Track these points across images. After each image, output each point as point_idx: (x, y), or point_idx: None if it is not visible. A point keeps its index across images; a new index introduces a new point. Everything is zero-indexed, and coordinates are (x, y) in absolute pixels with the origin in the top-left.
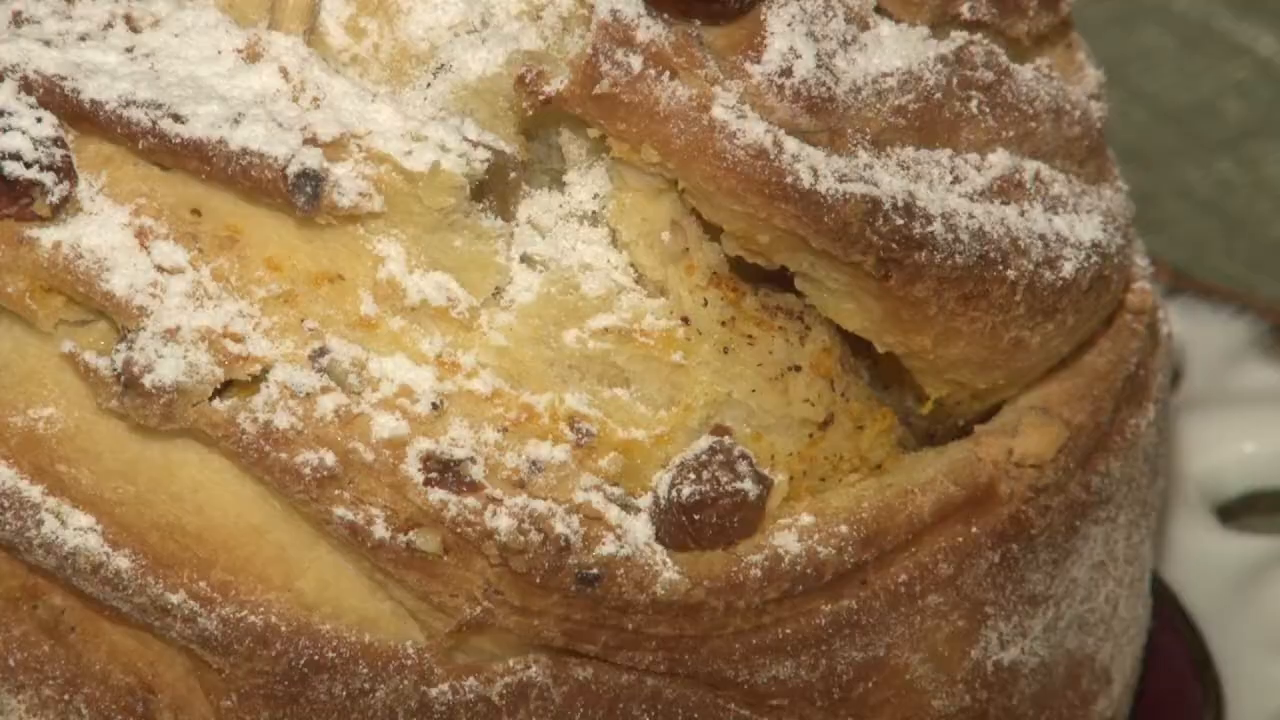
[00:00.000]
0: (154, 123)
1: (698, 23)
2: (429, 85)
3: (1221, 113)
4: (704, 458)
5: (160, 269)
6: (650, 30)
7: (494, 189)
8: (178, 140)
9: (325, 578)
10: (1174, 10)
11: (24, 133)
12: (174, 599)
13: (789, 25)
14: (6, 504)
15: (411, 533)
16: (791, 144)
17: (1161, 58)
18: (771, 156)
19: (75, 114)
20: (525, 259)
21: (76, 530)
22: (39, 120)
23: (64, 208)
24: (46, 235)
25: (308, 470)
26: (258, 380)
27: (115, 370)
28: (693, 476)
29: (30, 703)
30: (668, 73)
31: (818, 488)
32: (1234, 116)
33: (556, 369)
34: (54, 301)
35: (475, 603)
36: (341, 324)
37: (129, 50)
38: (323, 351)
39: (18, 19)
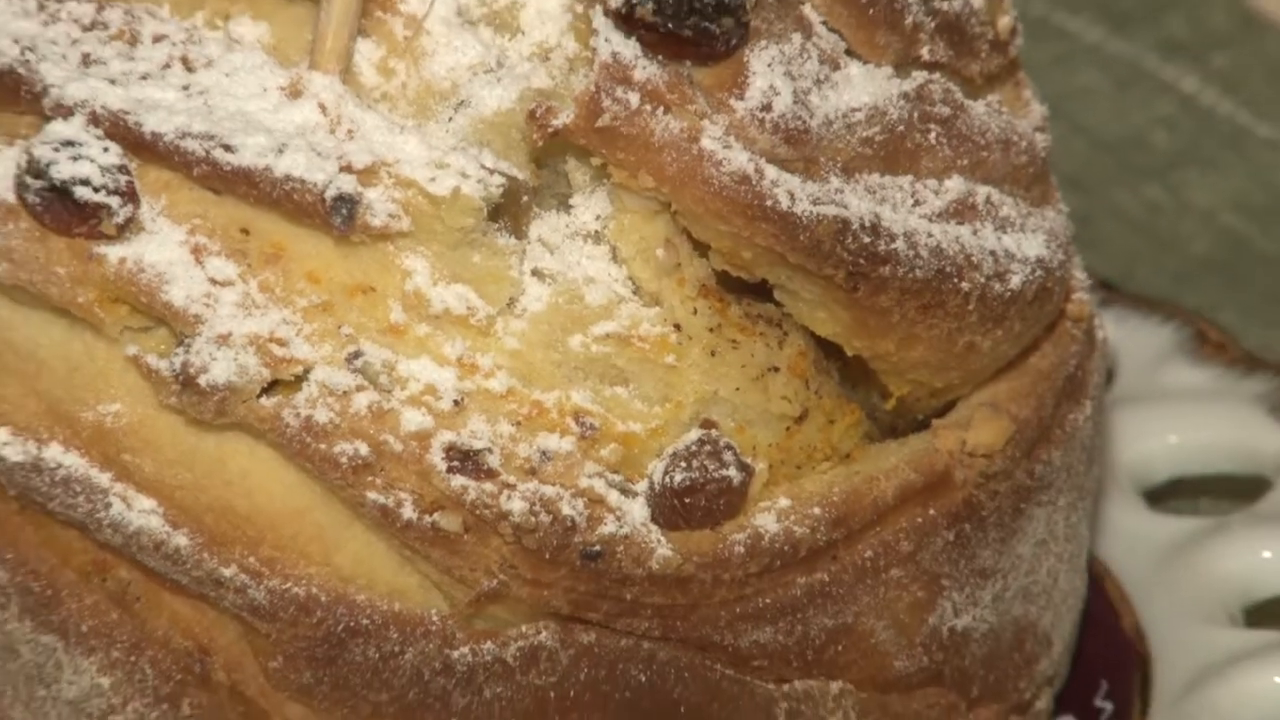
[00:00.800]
0: (207, 152)
1: (688, 64)
2: (450, 119)
3: (1150, 144)
4: (693, 448)
5: (213, 282)
6: (646, 70)
7: (508, 211)
8: (228, 168)
9: (360, 554)
10: (1108, 53)
11: (92, 161)
12: (226, 573)
13: (769, 66)
14: (79, 489)
15: (435, 514)
16: (771, 171)
17: (1097, 95)
18: (754, 182)
19: (137, 144)
20: (536, 272)
21: (140, 512)
22: (106, 150)
23: (128, 228)
24: (113, 252)
25: (344, 459)
26: (300, 380)
27: (174, 371)
28: (684, 465)
29: (100, 664)
30: (662, 108)
31: (794, 475)
32: (1161, 147)
33: (563, 370)
34: (119, 310)
35: (492, 576)
36: (373, 330)
37: (185, 88)
38: (357, 355)
39: (86, 60)
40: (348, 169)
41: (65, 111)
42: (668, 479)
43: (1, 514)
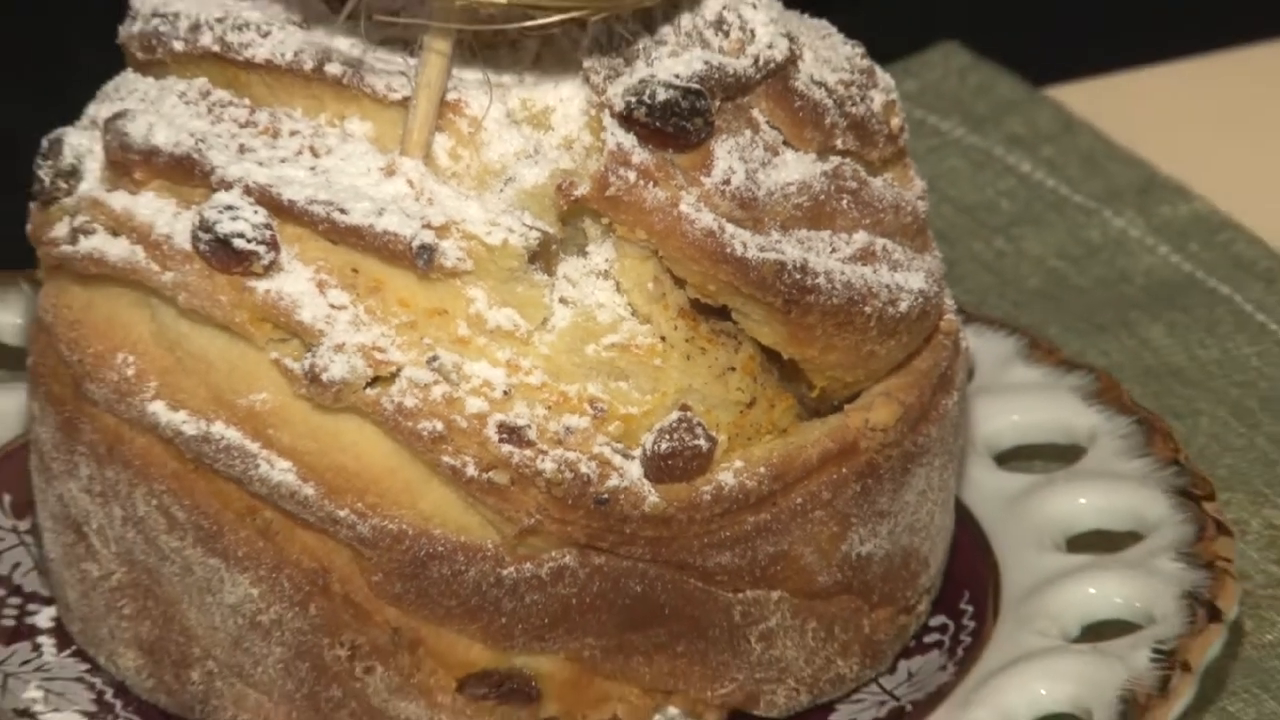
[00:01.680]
0: (327, 214)
1: (670, 151)
2: (501, 191)
3: (997, 209)
4: (674, 425)
5: (332, 306)
6: (640, 156)
7: (542, 256)
8: (343, 225)
9: (436, 501)
10: (966, 144)
11: (246, 221)
12: (341, 514)
13: (728, 152)
14: (236, 455)
15: (490, 472)
16: (730, 228)
17: (959, 174)
18: (717, 236)
19: (278, 209)
20: (562, 300)
21: (280, 470)
22: (255, 213)
23: (271, 268)
24: (260, 285)
25: (425, 433)
26: (393, 377)
27: (304, 370)
28: (667, 437)
29: (251, 579)
30: (651, 182)
31: (745, 444)
32: (1005, 211)
33: (581, 369)
34: (265, 327)
35: (530, 516)
36: (446, 341)
37: (312, 168)
38: (434, 358)
39: (242, 149)
40: (428, 226)
41: (226, 185)
42: (655, 447)
43: (181, 471)
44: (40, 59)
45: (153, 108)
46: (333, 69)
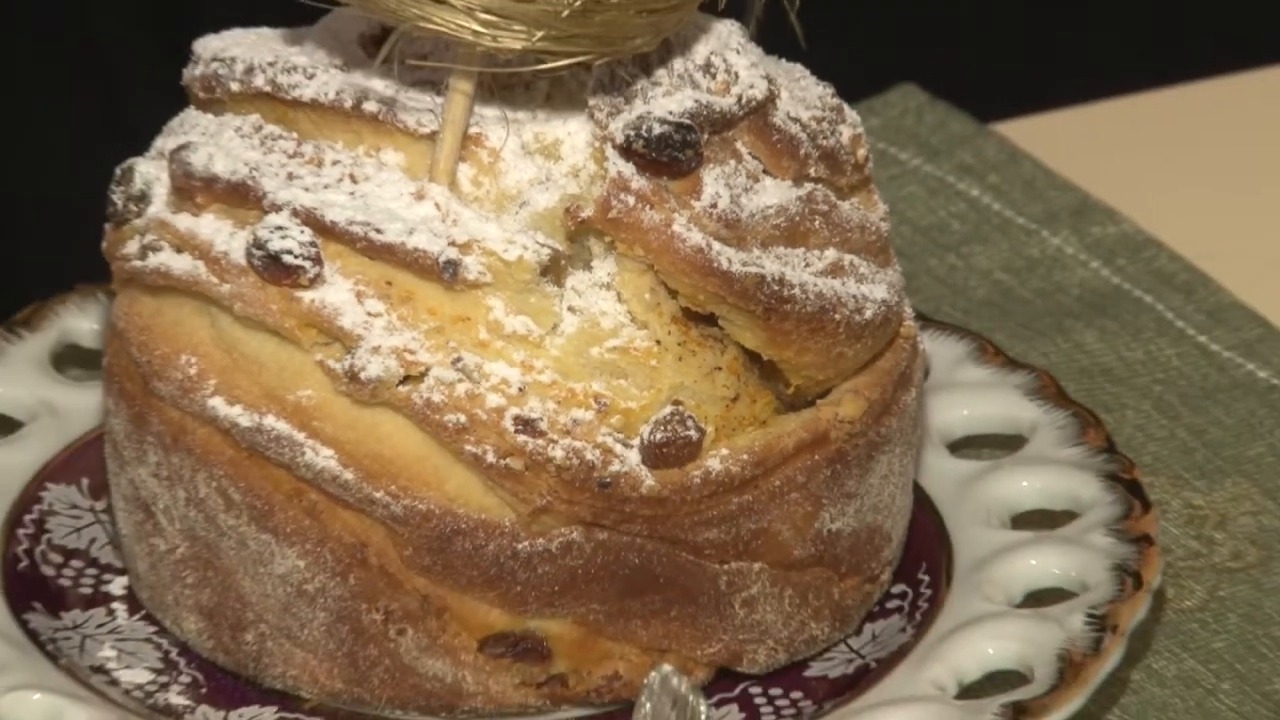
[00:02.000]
0: (365, 234)
1: (665, 178)
2: (517, 213)
3: (950, 229)
4: (668, 417)
5: (369, 314)
6: (638, 182)
7: (552, 270)
8: (378, 243)
9: (460, 484)
10: (923, 173)
11: (294, 239)
12: (377, 495)
13: (715, 179)
14: (284, 444)
15: (507, 459)
16: (716, 245)
17: (917, 199)
18: (705, 253)
19: (322, 229)
20: (570, 308)
21: (323, 457)
22: (302, 232)
23: (316, 280)
24: (306, 295)
25: (450, 425)
26: (422, 375)
27: (344, 370)
28: (662, 428)
29: (298, 552)
30: (648, 206)
31: (730, 434)
32: (956, 231)
33: (587, 369)
34: (310, 332)
35: (542, 497)
36: (469, 344)
37: (351, 193)
38: (459, 360)
39: (290, 176)
40: (453, 244)
41: (276, 208)
42: (651, 437)
43: (236, 458)
44: (112, 97)
45: (212, 140)
46: (369, 107)
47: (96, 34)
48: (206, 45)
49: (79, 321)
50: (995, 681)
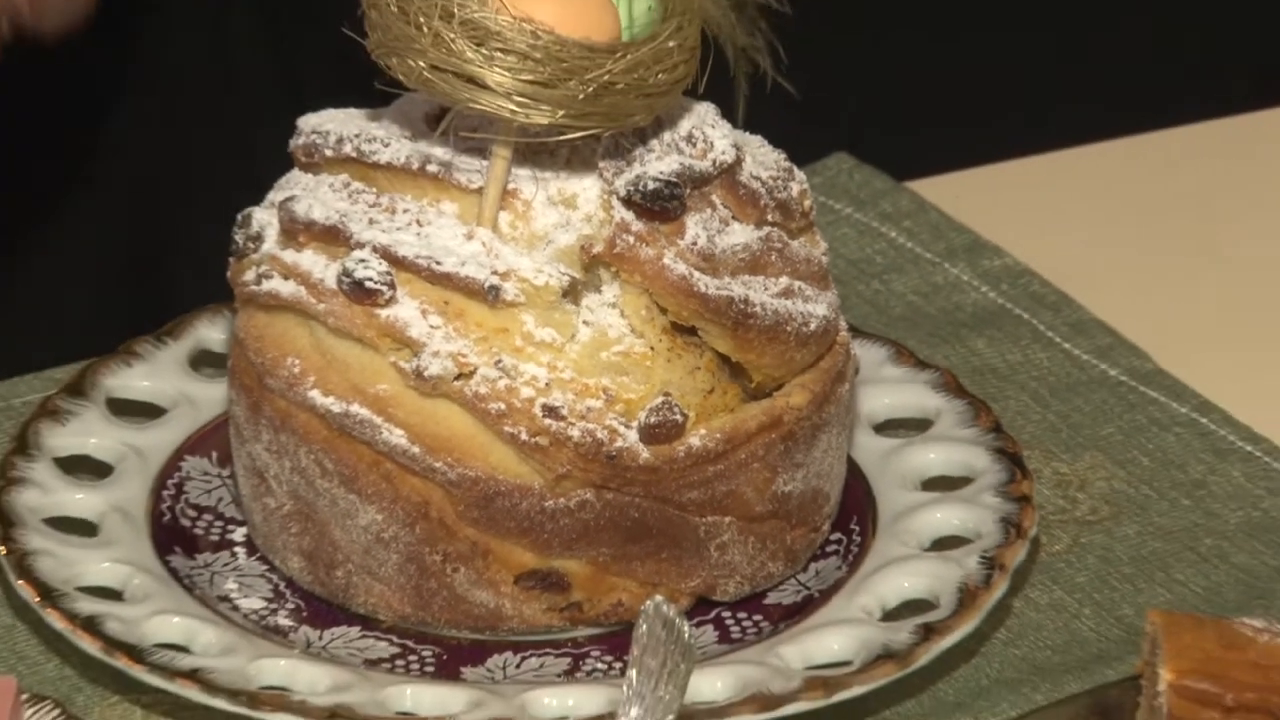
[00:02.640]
0: (428, 265)
1: (657, 223)
2: (544, 249)
3: (873, 262)
4: (659, 406)
5: (431, 326)
6: (637, 225)
7: (571, 292)
8: (438, 272)
9: (501, 456)
10: (853, 220)
11: (374, 269)
12: (437, 465)
13: (695, 224)
14: (366, 426)
15: (536, 437)
16: (696, 274)
17: (848, 239)
18: (688, 279)
19: (394, 261)
20: (585, 322)
21: (396, 436)
22: (380, 263)
23: (390, 300)
24: (383, 312)
25: (493, 411)
26: (472, 373)
27: (412, 369)
28: (654, 414)
29: (376, 508)
30: (644, 244)
31: (707, 419)
32: (878, 263)
33: (597, 368)
34: (386, 340)
35: (563, 467)
36: (507, 349)
37: (417, 234)
38: (499, 361)
39: (370, 221)
40: (495, 273)
41: (360, 245)
42: (647, 420)
43: (330, 437)
44: (234, 159)
45: (311, 194)
46: (431, 168)
47: (234, 112)
48: (307, 121)
49: (210, 332)
50: (910, 608)
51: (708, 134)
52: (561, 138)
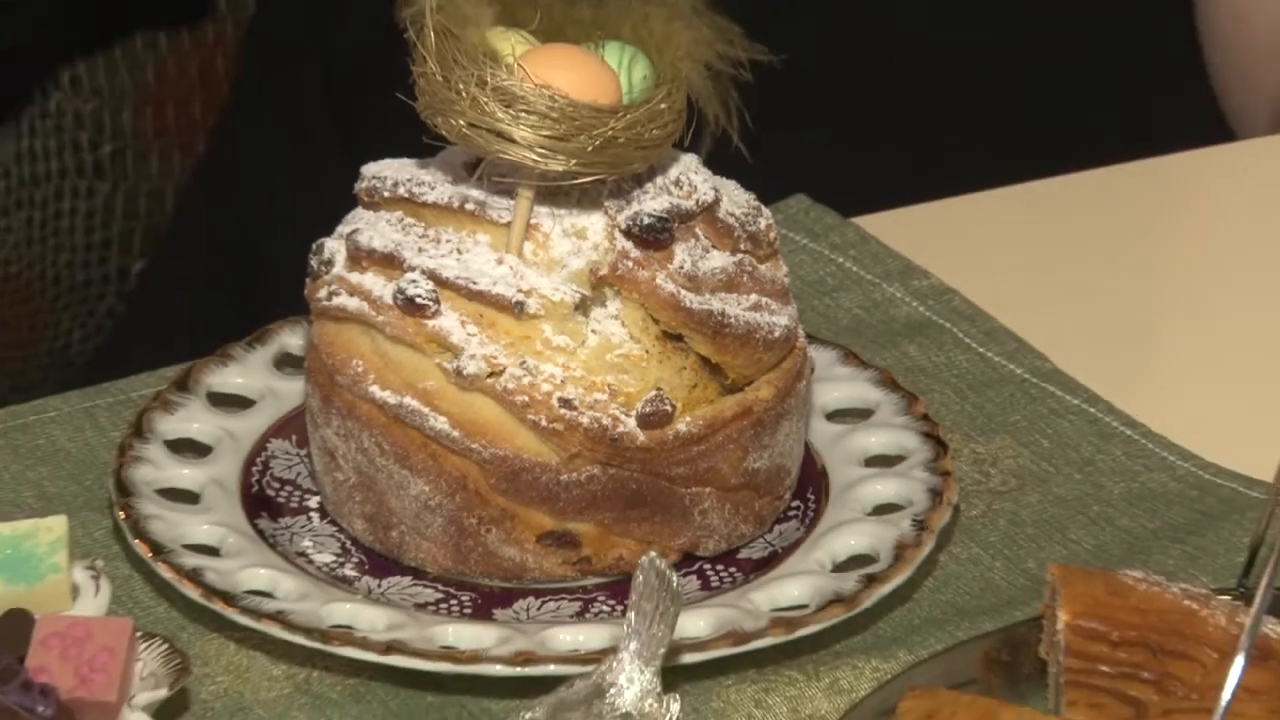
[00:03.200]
0: (466, 284)
1: (651, 250)
2: (560, 272)
3: (825, 282)
4: (653, 398)
5: (469, 334)
6: (635, 253)
7: (581, 307)
8: (475, 290)
9: (526, 439)
10: (809, 249)
11: (422, 288)
12: (474, 446)
13: (682, 251)
14: (417, 415)
15: (554, 424)
16: (683, 292)
17: (805, 264)
18: (676, 297)
19: (441, 281)
20: (593, 331)
21: (440, 423)
22: (427, 283)
23: (436, 314)
24: (430, 323)
25: (519, 402)
26: (502, 372)
27: (454, 368)
28: (650, 405)
29: (424, 480)
30: (641, 268)
31: (691, 409)
32: (829, 284)
33: (603, 368)
34: (433, 345)
35: (575, 448)
36: (529, 352)
37: (457, 260)
38: (524, 362)
39: (418, 249)
40: (520, 290)
41: (412, 269)
42: (643, 410)
43: (387, 424)
44: (312, 200)
45: (372, 227)
46: (470, 206)
47: (311, 163)
48: (369, 169)
49: (291, 338)
50: (855, 561)
51: (692, 179)
52: (574, 181)
